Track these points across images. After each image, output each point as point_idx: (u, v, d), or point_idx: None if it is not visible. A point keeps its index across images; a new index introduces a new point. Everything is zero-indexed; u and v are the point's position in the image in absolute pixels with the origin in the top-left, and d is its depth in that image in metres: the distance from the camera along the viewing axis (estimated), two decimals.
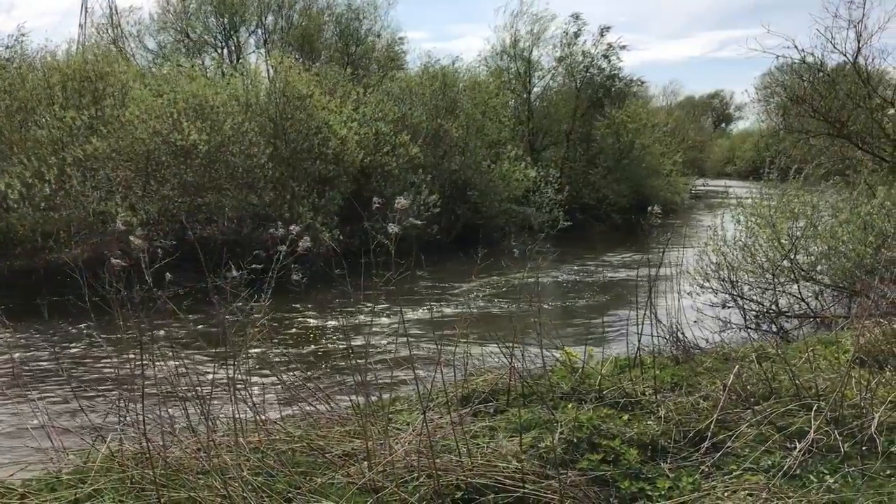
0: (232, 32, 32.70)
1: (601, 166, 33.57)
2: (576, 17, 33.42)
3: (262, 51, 31.52)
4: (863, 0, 15.16)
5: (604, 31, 33.53)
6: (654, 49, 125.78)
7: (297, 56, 25.18)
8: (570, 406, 4.32)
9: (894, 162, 13.69)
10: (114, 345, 3.84)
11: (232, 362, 3.73)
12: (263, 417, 3.91)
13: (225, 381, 3.71)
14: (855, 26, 15.26)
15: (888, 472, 3.60)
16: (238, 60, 30.44)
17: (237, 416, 3.59)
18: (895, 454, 3.74)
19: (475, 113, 26.36)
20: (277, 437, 3.67)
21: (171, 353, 4.20)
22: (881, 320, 4.93)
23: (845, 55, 15.68)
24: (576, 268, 20.28)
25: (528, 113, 33.00)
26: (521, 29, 33.31)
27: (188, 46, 32.51)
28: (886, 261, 8.61)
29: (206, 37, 33.02)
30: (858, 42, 15.36)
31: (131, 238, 3.52)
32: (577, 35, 33.42)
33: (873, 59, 16.01)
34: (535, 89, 34.41)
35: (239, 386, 3.75)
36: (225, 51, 32.76)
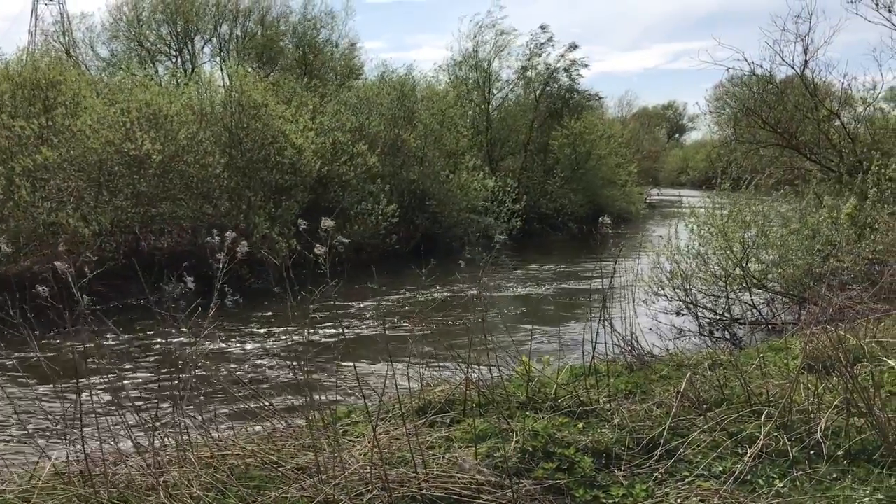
0: (186, 41, 32.34)
1: (558, 176, 33.89)
2: (543, 28, 33.81)
3: (218, 60, 31.24)
4: (809, 14, 15.62)
5: (572, 47, 34.03)
6: (610, 60, 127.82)
7: (253, 65, 25.01)
8: (526, 415, 4.33)
9: (841, 172, 14.05)
10: (52, 361, 3.73)
11: (181, 376, 3.66)
12: (214, 432, 3.84)
13: (173, 395, 3.64)
14: (802, 40, 15.68)
15: (834, 475, 3.67)
16: (193, 69, 30.11)
17: (187, 431, 3.52)
18: (841, 457, 3.82)
19: (433, 123, 26.42)
20: (229, 452, 3.61)
21: (115, 369, 4.11)
22: (828, 327, 5.03)
23: (793, 67, 16.10)
24: (532, 276, 20.38)
25: (486, 123, 33.17)
26: (483, 40, 33.53)
27: (141, 55, 32.05)
28: (833, 269, 8.81)
29: (159, 45, 32.60)
30: (805, 55, 15.78)
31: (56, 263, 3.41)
32: (542, 46, 33.75)
33: (820, 72, 16.48)
34: (495, 100, 34.63)
35: (187, 400, 3.68)
36: (179, 60, 32.37)
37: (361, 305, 15.26)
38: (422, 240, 23.72)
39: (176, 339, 3.78)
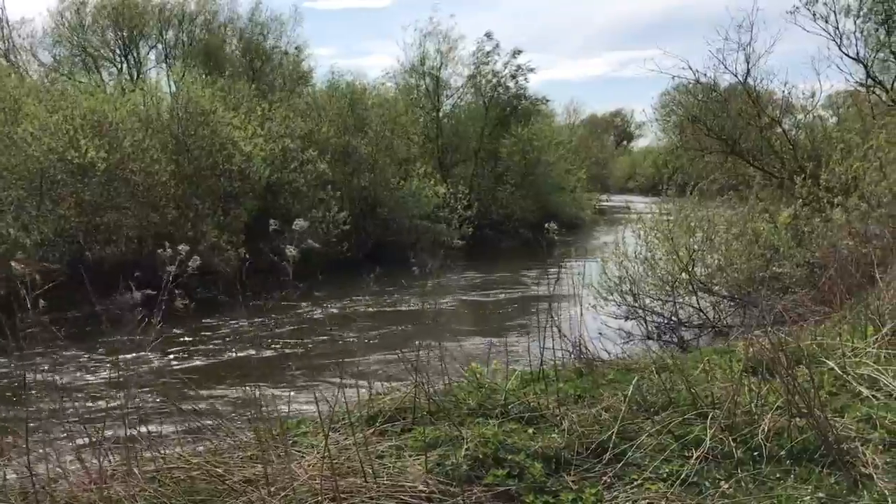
0: (131, 47, 31.75)
1: (508, 183, 34.12)
2: (489, 35, 34.03)
3: (164, 66, 30.73)
4: (750, 24, 16.03)
5: (516, 52, 34.34)
6: (559, 68, 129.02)
7: (200, 71, 24.67)
8: (476, 422, 4.34)
9: (783, 177, 14.42)
10: None
11: (125, 389, 3.59)
12: (160, 444, 3.77)
13: (117, 407, 3.56)
14: (744, 49, 16.11)
15: (777, 475, 3.76)
16: (138, 76, 29.58)
17: (131, 443, 3.45)
18: (784, 458, 3.90)
19: (384, 130, 26.40)
20: (175, 465, 3.54)
21: (57, 380, 4.01)
22: (769, 330, 5.15)
23: (736, 76, 16.53)
24: (483, 283, 20.47)
25: (437, 130, 33.25)
26: (429, 47, 33.63)
27: (85, 61, 31.36)
28: (775, 273, 9.04)
29: (103, 51, 31.93)
30: (748, 64, 16.21)
31: (12, 263, 3.34)
32: (489, 54, 33.99)
33: (761, 80, 16.94)
34: (445, 107, 34.74)
35: (132, 412, 3.61)
36: (124, 66, 31.75)
37: (309, 314, 15.14)
38: (374, 247, 23.65)
39: (127, 356, 3.70)
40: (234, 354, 11.37)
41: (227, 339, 13.11)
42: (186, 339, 13.10)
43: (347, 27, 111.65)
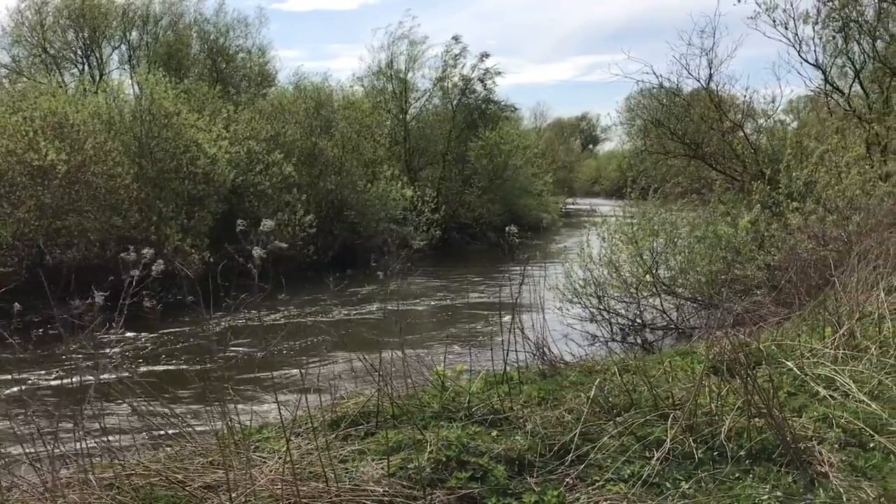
0: (94, 48, 31.25)
1: (476, 186, 34.21)
2: (456, 39, 34.12)
3: (127, 67, 30.31)
4: (713, 30, 16.26)
5: (484, 56, 34.51)
6: (526, 72, 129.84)
7: (163, 73, 24.36)
8: (440, 425, 4.33)
9: (744, 181, 14.64)
10: None
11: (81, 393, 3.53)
12: (119, 451, 3.70)
13: (76, 414, 3.50)
14: (707, 54, 16.31)
15: (737, 474, 3.80)
16: (101, 77, 29.14)
17: (89, 451, 3.39)
18: (743, 457, 3.95)
19: (351, 132, 26.31)
20: (134, 472, 3.49)
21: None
22: (730, 331, 5.22)
23: (699, 81, 16.73)
24: (450, 286, 20.48)
25: (404, 133, 33.23)
26: (398, 50, 33.62)
27: (45, 61, 30.79)
28: (736, 275, 9.17)
29: (65, 52, 31.39)
30: (710, 69, 16.42)
31: None
32: (456, 57, 34.07)
33: (723, 85, 17.17)
34: (412, 110, 34.73)
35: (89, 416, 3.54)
36: (86, 67, 31.24)
37: (275, 317, 15.04)
38: (340, 250, 23.56)
39: (88, 363, 3.63)
40: (196, 359, 11.24)
41: (190, 342, 12.97)
42: (148, 343, 12.93)
43: (315, 29, 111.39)
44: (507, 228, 5.26)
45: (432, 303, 18.06)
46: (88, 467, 3.34)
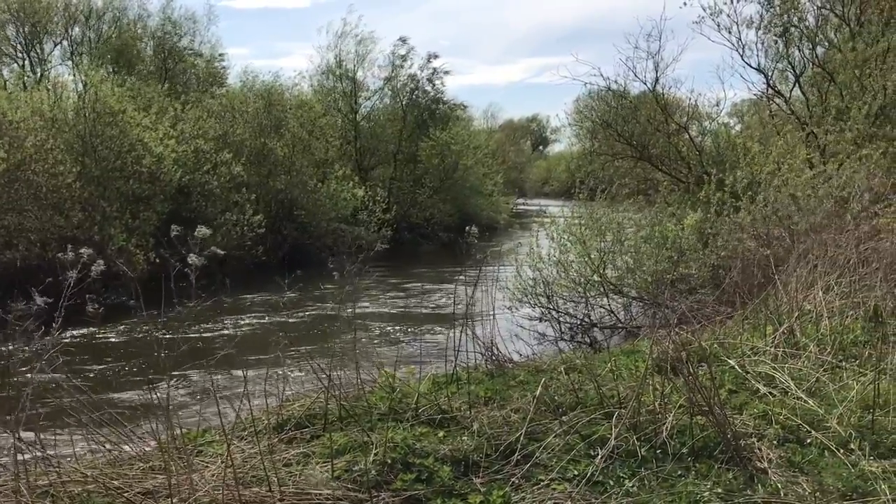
0: (34, 43, 30.39)
1: (427, 186, 34.19)
2: (403, 40, 34.03)
3: (69, 63, 29.54)
4: (659, 34, 16.54)
5: (431, 57, 34.50)
6: (478, 73, 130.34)
7: (109, 69, 23.81)
8: (387, 426, 4.31)
9: (689, 182, 14.91)
10: None
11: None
12: (55, 457, 3.60)
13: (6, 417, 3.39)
14: (653, 57, 16.60)
15: (679, 472, 3.86)
16: (42, 73, 28.36)
17: (22, 457, 3.28)
18: (686, 455, 4.02)
19: (301, 132, 26.08)
20: (70, 479, 3.39)
21: None
22: (675, 330, 5.30)
23: (645, 83, 17.00)
24: (400, 286, 20.43)
25: (355, 133, 33.05)
26: (345, 49, 33.41)
27: None
28: (681, 275, 9.32)
29: (4, 47, 30.46)
30: (656, 72, 16.71)
31: None
32: (404, 57, 34.01)
33: (669, 88, 17.48)
34: (363, 109, 34.55)
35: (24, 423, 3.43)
36: (26, 62, 30.37)
37: (222, 319, 14.81)
38: (290, 250, 23.32)
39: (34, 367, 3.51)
40: (139, 362, 11.02)
41: (132, 346, 12.70)
42: (89, 345, 12.63)
43: (265, 27, 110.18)
44: (466, 229, 5.27)
45: (384, 302, 17.99)
46: (22, 474, 3.24)
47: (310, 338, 13.07)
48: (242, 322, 15.07)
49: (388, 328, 14.76)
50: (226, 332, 13.83)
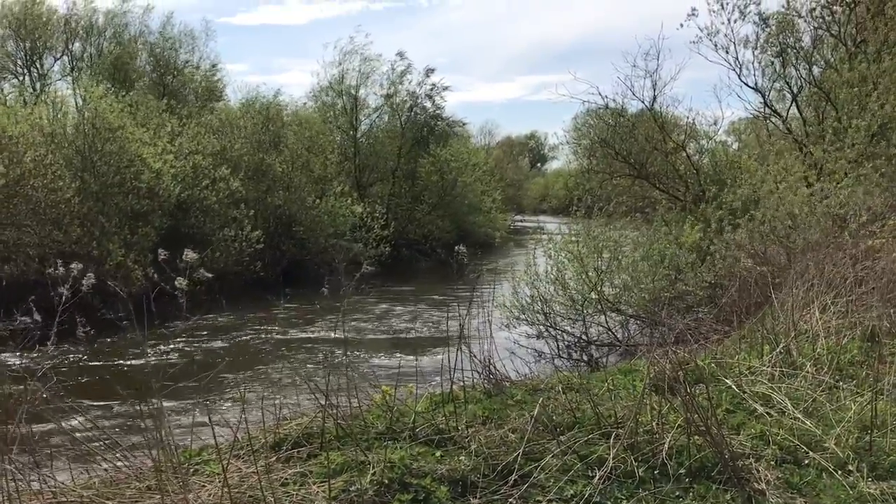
0: (35, 58, 30.52)
1: (426, 203, 34.25)
2: (401, 55, 34.21)
3: (70, 79, 29.64)
4: (657, 52, 16.60)
5: (429, 72, 34.61)
6: (476, 91, 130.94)
7: (108, 85, 23.87)
8: (385, 446, 4.29)
9: (686, 200, 14.94)
10: None
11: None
12: (49, 476, 3.58)
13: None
14: (651, 76, 16.66)
15: (677, 493, 3.85)
16: (42, 89, 28.46)
17: (14, 477, 3.26)
18: (683, 475, 4.00)
19: (300, 148, 26.15)
20: (65, 499, 3.38)
21: None
22: (672, 348, 5.30)
23: (643, 102, 17.06)
24: (398, 303, 20.41)
25: (354, 149, 33.14)
26: (348, 67, 33.55)
27: None
28: (679, 293, 9.31)
29: (5, 62, 30.59)
30: (654, 90, 16.78)
31: None
32: (402, 73, 34.15)
33: (667, 107, 17.55)
34: (362, 126, 34.67)
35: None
36: (27, 78, 30.48)
37: (218, 336, 14.79)
38: (288, 266, 23.33)
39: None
40: (134, 380, 10.97)
41: (128, 362, 12.66)
42: (85, 362, 12.59)
43: (264, 44, 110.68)
44: (455, 248, 5.25)
45: (381, 320, 17.97)
46: (14, 494, 3.22)
47: (307, 355, 13.05)
48: (238, 339, 15.04)
49: (385, 345, 14.74)
50: (222, 348, 13.80)
